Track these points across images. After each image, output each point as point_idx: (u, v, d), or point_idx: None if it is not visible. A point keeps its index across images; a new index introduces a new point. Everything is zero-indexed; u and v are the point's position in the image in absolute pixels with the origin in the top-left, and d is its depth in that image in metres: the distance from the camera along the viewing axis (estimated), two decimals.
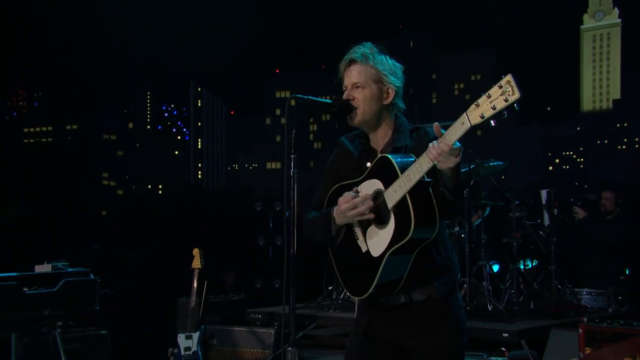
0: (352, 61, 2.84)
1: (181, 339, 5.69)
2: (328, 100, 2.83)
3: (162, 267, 11.80)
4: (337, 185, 2.87)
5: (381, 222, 2.66)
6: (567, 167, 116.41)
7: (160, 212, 23.21)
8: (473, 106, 2.32)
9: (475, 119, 2.31)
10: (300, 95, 2.76)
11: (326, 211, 2.84)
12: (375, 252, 2.66)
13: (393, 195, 2.59)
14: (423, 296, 2.73)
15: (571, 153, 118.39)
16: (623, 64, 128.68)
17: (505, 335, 5.31)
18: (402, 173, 2.56)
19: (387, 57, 2.86)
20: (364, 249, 2.74)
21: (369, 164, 2.76)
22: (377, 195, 2.69)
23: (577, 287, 6.93)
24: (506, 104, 2.24)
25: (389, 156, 2.63)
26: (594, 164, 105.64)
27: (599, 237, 7.31)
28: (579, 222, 7.49)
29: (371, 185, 2.72)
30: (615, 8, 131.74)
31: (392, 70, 2.84)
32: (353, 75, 2.83)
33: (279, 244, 10.14)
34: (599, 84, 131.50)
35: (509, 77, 2.23)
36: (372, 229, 2.70)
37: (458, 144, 2.43)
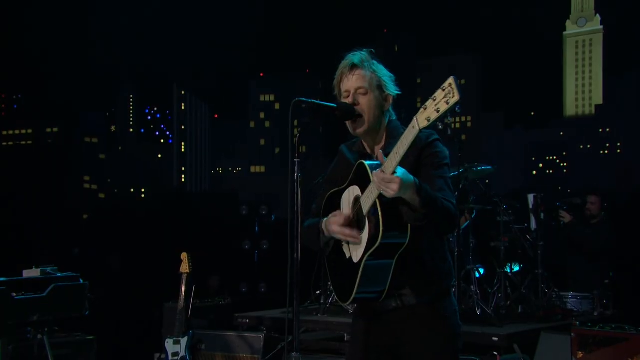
0: (355, 66, 2.82)
1: (169, 344, 5.63)
2: (332, 104, 2.82)
3: (146, 272, 11.72)
4: (330, 192, 2.90)
5: (360, 228, 2.67)
6: (551, 171, 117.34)
7: (142, 216, 23.06)
8: (422, 109, 2.34)
9: (423, 122, 2.34)
10: (304, 99, 2.75)
11: (318, 221, 2.86)
12: (355, 258, 2.68)
13: (366, 201, 2.62)
14: (414, 300, 2.74)
15: (554, 158, 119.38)
16: (605, 70, 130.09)
17: (495, 339, 5.31)
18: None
19: (382, 66, 2.87)
20: (347, 256, 2.75)
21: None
22: (356, 201, 2.71)
23: (562, 291, 6.97)
24: (447, 106, 2.26)
25: (365, 162, 2.65)
26: (577, 168, 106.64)
27: (584, 241, 7.36)
28: (564, 226, 7.53)
29: (353, 192, 2.74)
30: (597, 15, 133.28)
31: (390, 78, 2.86)
32: (357, 80, 2.81)
33: (265, 247, 10.13)
34: (582, 89, 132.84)
35: (450, 80, 2.26)
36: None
37: (399, 172, 2.44)
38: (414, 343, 2.73)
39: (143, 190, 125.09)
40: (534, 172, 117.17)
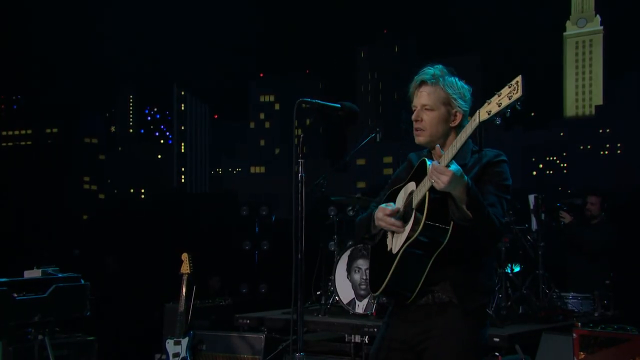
0: (423, 82, 2.89)
1: (170, 345, 5.63)
2: (335, 104, 2.84)
3: (146, 273, 11.71)
4: (391, 189, 2.96)
5: (406, 221, 2.73)
6: (551, 172, 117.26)
7: (143, 216, 23.06)
8: (486, 103, 2.43)
9: (484, 115, 2.43)
10: (308, 99, 2.76)
11: (371, 211, 2.94)
12: (395, 249, 2.73)
13: (417, 194, 2.69)
14: (446, 299, 2.77)
15: (554, 158, 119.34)
16: (605, 70, 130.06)
17: (497, 339, 5.31)
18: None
19: (457, 79, 2.92)
20: (389, 247, 2.81)
21: None
22: (409, 196, 2.79)
23: (563, 292, 6.96)
24: (509, 101, 2.33)
25: (427, 160, 2.71)
26: (577, 169, 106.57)
27: (584, 241, 7.35)
28: (565, 227, 7.53)
29: (409, 187, 2.82)
30: (597, 15, 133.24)
31: (461, 93, 2.90)
32: (423, 97, 2.88)
33: (265, 248, 10.13)
34: (582, 90, 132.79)
35: (518, 78, 2.33)
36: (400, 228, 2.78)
37: (454, 167, 2.52)
38: (436, 342, 2.76)
39: (143, 190, 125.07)
40: (534, 173, 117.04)
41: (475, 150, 2.87)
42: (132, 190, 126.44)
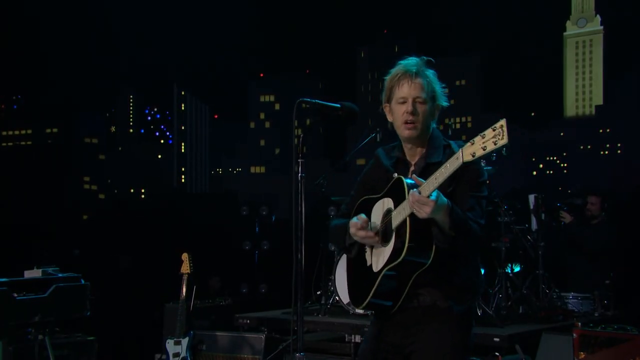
0: (417, 74, 2.83)
1: (170, 345, 5.63)
2: (335, 104, 2.84)
3: (146, 272, 11.72)
4: (363, 198, 2.93)
5: (386, 240, 2.73)
6: (551, 172, 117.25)
7: (143, 216, 23.07)
8: (468, 144, 2.42)
9: (467, 157, 2.41)
10: (308, 99, 2.76)
11: (346, 222, 2.90)
12: (376, 267, 2.74)
13: (397, 217, 2.67)
14: (431, 302, 2.77)
15: (554, 158, 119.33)
16: (605, 70, 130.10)
17: (497, 339, 5.31)
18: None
19: (435, 75, 2.89)
20: (368, 263, 2.81)
21: (395, 175, 2.80)
22: (387, 214, 2.75)
23: (563, 292, 6.96)
24: (494, 147, 2.34)
25: (404, 180, 2.68)
26: (577, 169, 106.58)
27: (585, 241, 7.36)
28: (565, 227, 7.53)
29: (386, 204, 2.79)
30: (597, 15, 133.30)
31: (442, 89, 2.90)
32: (416, 88, 2.82)
33: (265, 248, 10.13)
34: (582, 90, 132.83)
35: (502, 122, 2.33)
36: (379, 245, 2.77)
37: (434, 195, 2.50)
38: (423, 345, 2.76)
39: (143, 190, 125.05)
40: (534, 173, 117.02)
41: (445, 145, 2.86)
42: (132, 190, 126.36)
